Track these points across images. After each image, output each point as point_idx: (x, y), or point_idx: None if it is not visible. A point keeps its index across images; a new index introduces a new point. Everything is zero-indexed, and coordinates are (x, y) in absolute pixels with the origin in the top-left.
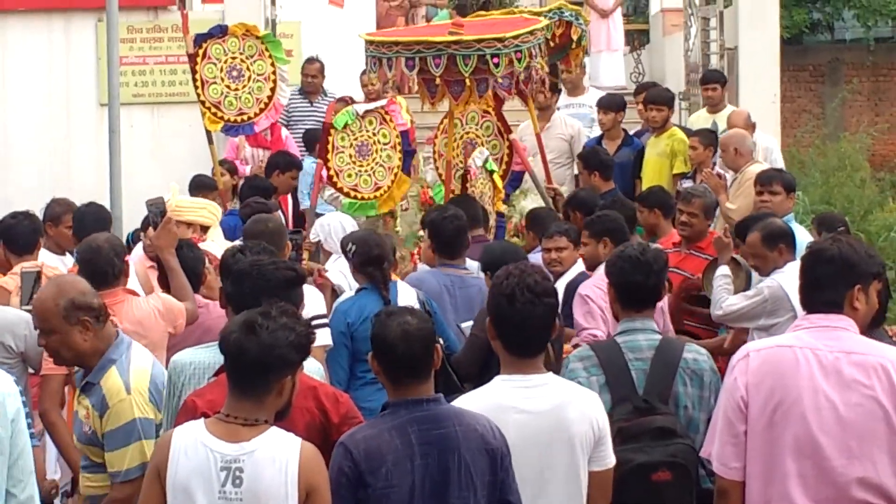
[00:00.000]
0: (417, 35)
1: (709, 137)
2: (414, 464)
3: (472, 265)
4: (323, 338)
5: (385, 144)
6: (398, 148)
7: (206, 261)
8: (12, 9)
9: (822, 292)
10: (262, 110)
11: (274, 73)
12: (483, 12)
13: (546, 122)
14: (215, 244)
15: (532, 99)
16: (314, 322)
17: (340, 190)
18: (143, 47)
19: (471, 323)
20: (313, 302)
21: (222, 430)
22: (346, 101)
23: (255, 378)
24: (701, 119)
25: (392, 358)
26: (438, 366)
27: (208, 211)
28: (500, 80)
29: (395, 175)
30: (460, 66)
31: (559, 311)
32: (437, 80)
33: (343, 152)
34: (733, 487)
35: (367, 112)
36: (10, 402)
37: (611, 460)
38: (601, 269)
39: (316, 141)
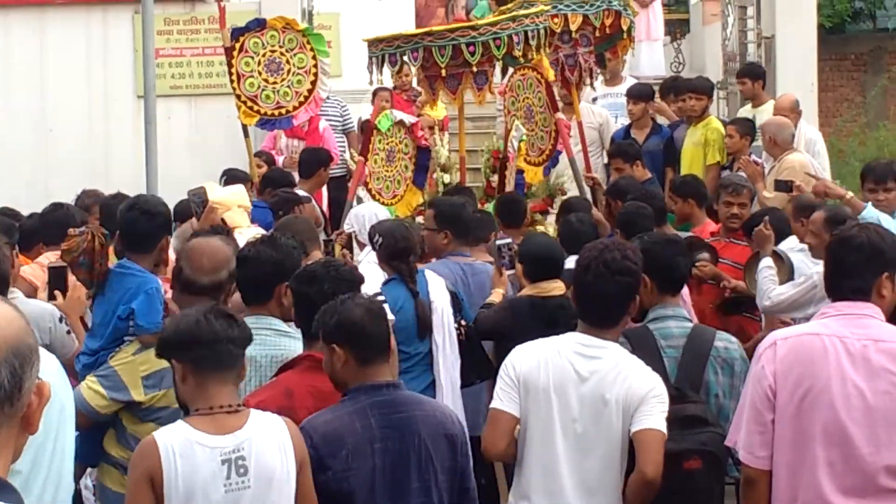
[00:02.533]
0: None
1: (745, 126)
2: (374, 447)
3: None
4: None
5: (405, 154)
6: (413, 160)
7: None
8: (51, 3)
9: (850, 280)
10: (301, 104)
11: (315, 66)
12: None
13: (572, 114)
14: (242, 236)
15: (577, 87)
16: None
17: (370, 191)
18: (179, 39)
19: None
20: (369, 280)
21: (209, 425)
22: (387, 90)
23: (226, 377)
24: (743, 113)
25: (362, 337)
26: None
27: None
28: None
29: (407, 186)
30: (436, 56)
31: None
32: (443, 72)
33: (378, 155)
34: (760, 476)
35: (400, 120)
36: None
37: (655, 422)
38: None
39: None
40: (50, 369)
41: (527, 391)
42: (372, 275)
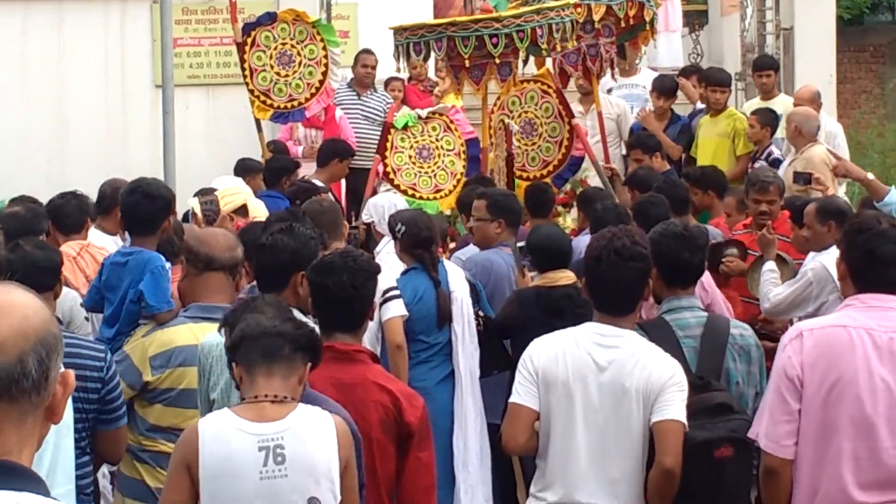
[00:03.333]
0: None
1: (767, 117)
2: None
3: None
4: (398, 308)
5: (449, 151)
6: (463, 155)
7: None
8: None
9: (885, 271)
10: (312, 95)
11: (326, 56)
12: None
13: (590, 105)
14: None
15: (596, 77)
16: (388, 294)
17: (397, 187)
18: (197, 29)
19: None
20: (384, 274)
21: (252, 413)
22: (399, 80)
23: (280, 364)
24: (754, 105)
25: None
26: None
27: (232, 193)
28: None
29: (458, 181)
30: (459, 47)
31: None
32: (467, 63)
33: (402, 152)
34: (784, 466)
35: (430, 117)
36: None
37: (674, 413)
38: None
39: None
40: None
41: (546, 384)
42: (390, 265)
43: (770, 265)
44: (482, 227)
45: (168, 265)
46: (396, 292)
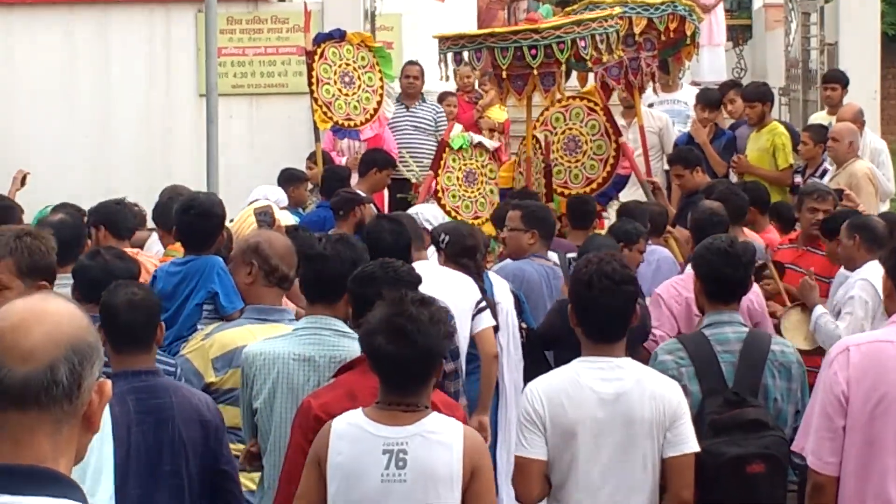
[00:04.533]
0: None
1: (820, 133)
2: (131, 431)
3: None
4: (490, 319)
5: (491, 179)
6: (495, 189)
7: None
8: (115, 1)
9: None
10: (367, 120)
11: (381, 87)
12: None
13: (632, 118)
14: None
15: (639, 90)
16: (479, 307)
17: (443, 207)
18: (242, 38)
19: None
20: (469, 288)
21: (383, 416)
22: (453, 94)
23: (416, 380)
24: (818, 120)
25: (115, 325)
26: (160, 341)
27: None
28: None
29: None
30: (497, 58)
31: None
32: (504, 74)
33: (452, 173)
34: (829, 482)
35: (479, 143)
36: None
37: (687, 447)
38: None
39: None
40: None
41: (553, 430)
42: (466, 285)
43: (819, 309)
44: (516, 238)
45: None
46: (485, 305)
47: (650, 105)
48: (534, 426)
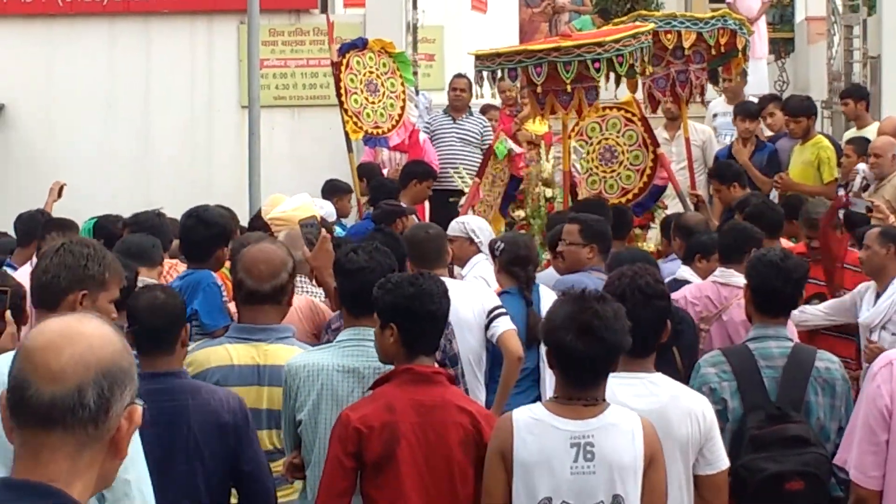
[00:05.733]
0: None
1: (863, 146)
2: (144, 431)
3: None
4: (509, 322)
5: (502, 182)
6: (504, 188)
7: None
8: (157, 11)
9: None
10: (393, 126)
11: (404, 92)
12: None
13: (676, 131)
14: None
15: (686, 103)
16: (496, 312)
17: (475, 212)
18: (284, 50)
19: None
20: (479, 299)
21: (566, 410)
22: (496, 108)
23: (598, 376)
24: (849, 135)
25: (139, 328)
26: (186, 342)
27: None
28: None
29: (494, 213)
30: (561, 72)
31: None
32: (539, 90)
33: (488, 179)
34: (872, 497)
35: (510, 151)
36: None
37: (722, 463)
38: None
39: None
40: None
41: None
42: (480, 291)
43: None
44: (574, 252)
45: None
46: (503, 309)
47: (714, 115)
48: None
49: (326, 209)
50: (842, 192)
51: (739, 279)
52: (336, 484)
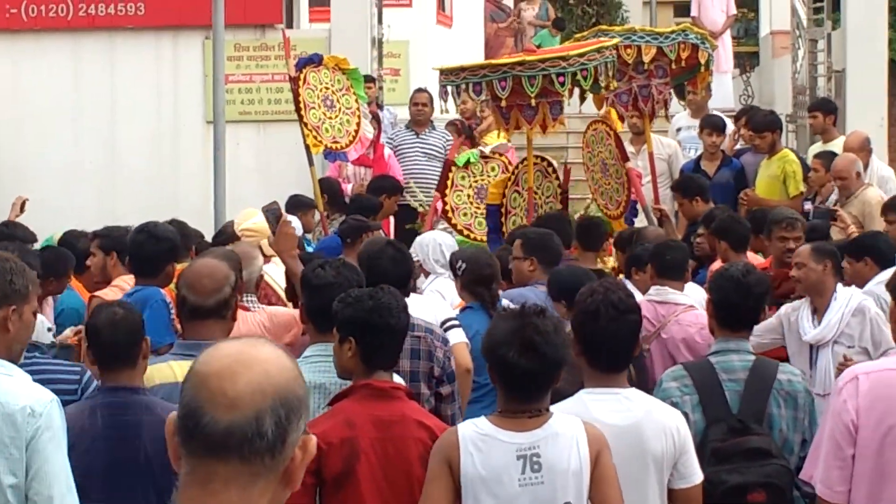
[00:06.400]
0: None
1: (830, 160)
2: (95, 444)
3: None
4: (461, 335)
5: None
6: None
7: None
8: (122, 27)
9: None
10: (350, 142)
11: (358, 109)
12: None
13: (641, 145)
14: (279, 266)
15: (649, 117)
16: (448, 324)
17: (454, 226)
18: (249, 65)
19: None
20: (444, 307)
21: (511, 423)
22: (456, 125)
23: (541, 389)
24: (815, 149)
25: (99, 344)
26: (146, 355)
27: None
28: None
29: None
30: (526, 87)
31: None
32: (504, 104)
33: (462, 191)
34: None
35: (490, 156)
36: (31, 422)
37: (696, 477)
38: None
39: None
40: None
41: None
42: (437, 301)
43: None
44: (517, 265)
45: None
46: (456, 322)
47: (678, 129)
48: None
49: (293, 224)
50: (809, 205)
51: (676, 296)
52: (295, 501)
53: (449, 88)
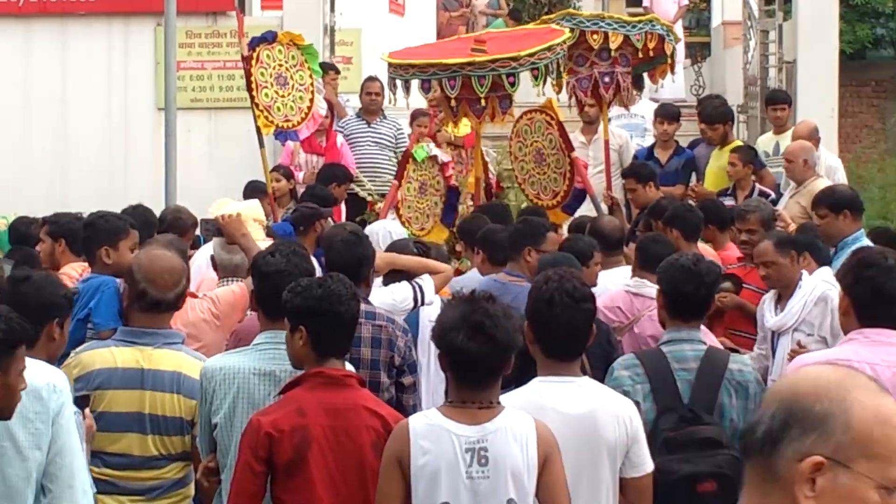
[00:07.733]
0: (432, 58)
1: (748, 154)
2: None
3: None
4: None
5: (436, 191)
6: (443, 199)
7: None
8: (73, 13)
9: (891, 307)
10: (302, 119)
11: (312, 85)
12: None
13: (593, 135)
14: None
15: (608, 105)
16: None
17: (400, 217)
18: (201, 52)
19: None
20: (404, 292)
21: (461, 415)
22: (426, 114)
23: (491, 376)
24: (766, 141)
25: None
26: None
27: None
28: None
29: (434, 223)
30: (475, 86)
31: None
32: (453, 102)
33: (410, 184)
34: None
35: (433, 156)
36: (55, 397)
37: (647, 466)
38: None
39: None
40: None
41: None
42: (396, 288)
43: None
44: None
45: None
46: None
47: (608, 120)
48: None
49: (257, 207)
50: (730, 201)
51: (652, 290)
52: (245, 488)
53: (398, 82)
